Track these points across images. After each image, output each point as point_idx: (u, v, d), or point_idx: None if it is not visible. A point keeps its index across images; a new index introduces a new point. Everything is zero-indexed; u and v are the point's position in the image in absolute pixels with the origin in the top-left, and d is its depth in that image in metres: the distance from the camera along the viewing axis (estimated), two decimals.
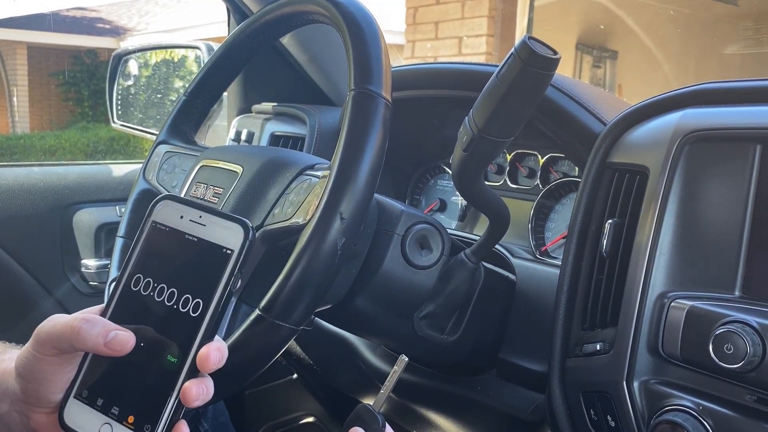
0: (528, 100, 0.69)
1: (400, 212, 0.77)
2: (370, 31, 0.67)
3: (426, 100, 1.05)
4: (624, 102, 0.95)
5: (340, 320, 0.87)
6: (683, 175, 0.67)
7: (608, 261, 0.73)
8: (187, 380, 0.50)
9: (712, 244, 0.65)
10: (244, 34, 0.86)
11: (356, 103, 0.64)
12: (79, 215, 1.45)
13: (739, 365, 0.58)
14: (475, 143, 0.71)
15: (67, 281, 1.45)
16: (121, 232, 0.90)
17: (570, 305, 0.77)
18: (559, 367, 0.76)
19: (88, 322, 0.51)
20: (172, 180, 0.87)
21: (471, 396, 0.94)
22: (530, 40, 0.65)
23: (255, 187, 0.72)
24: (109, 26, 11.87)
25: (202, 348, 0.51)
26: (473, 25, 4.15)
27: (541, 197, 1.02)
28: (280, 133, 1.22)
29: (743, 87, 0.70)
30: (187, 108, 0.92)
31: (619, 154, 0.76)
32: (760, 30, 3.48)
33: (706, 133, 0.67)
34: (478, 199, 0.80)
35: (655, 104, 0.76)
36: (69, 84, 10.96)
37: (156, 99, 1.79)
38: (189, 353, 0.51)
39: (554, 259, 0.98)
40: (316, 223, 0.61)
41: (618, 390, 0.67)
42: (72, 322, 0.51)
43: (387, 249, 0.75)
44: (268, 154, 0.77)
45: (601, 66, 4.43)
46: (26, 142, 9.11)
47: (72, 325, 0.51)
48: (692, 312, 0.62)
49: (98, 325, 0.51)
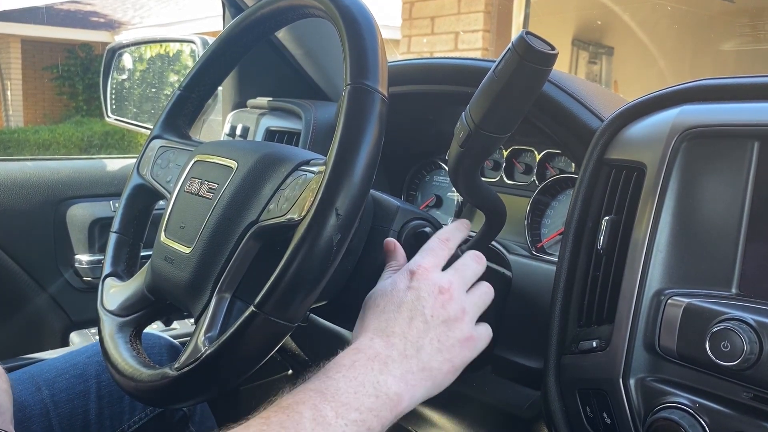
0: (525, 95, 0.68)
1: (396, 208, 0.76)
2: (367, 25, 0.67)
3: (422, 96, 1.05)
4: (621, 98, 0.95)
5: (335, 316, 0.87)
6: (680, 171, 0.67)
7: (605, 258, 0.73)
8: None
9: (709, 242, 0.65)
10: (240, 28, 0.85)
11: (352, 98, 0.64)
12: (72, 210, 1.44)
13: (736, 363, 0.58)
14: (472, 139, 0.71)
15: (60, 276, 1.44)
16: (115, 227, 0.90)
17: (566, 302, 0.77)
18: (555, 363, 0.76)
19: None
20: (166, 175, 0.87)
21: (467, 392, 0.93)
22: (528, 36, 0.64)
23: (250, 183, 0.72)
24: (103, 20, 11.82)
25: None
26: (469, 21, 4.14)
27: (538, 193, 1.02)
28: (276, 128, 1.22)
29: (741, 84, 0.70)
30: (182, 102, 0.91)
31: (616, 150, 0.76)
32: (756, 26, 3.48)
33: (704, 130, 0.67)
34: (475, 195, 0.79)
35: (652, 101, 0.75)
36: (63, 78, 10.92)
37: (150, 93, 1.78)
38: None
39: (550, 256, 0.97)
40: (312, 219, 0.60)
41: (614, 387, 0.67)
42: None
43: (382, 245, 0.75)
44: (263, 149, 0.76)
45: (597, 62, 4.43)
46: (20, 136, 9.08)
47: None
48: (689, 309, 0.62)
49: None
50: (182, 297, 0.73)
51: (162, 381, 0.67)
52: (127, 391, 0.73)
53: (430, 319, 0.66)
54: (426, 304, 0.66)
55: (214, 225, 0.71)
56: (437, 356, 0.65)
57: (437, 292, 0.67)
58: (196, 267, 0.71)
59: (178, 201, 0.79)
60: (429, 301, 0.66)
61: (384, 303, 0.67)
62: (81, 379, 0.93)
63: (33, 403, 0.88)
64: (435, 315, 0.66)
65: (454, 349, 0.66)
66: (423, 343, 0.65)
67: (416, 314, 0.66)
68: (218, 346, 0.63)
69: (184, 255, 0.73)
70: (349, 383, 0.60)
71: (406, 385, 0.62)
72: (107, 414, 0.92)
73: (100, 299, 0.84)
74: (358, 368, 0.61)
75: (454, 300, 0.68)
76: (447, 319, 0.67)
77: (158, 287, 0.78)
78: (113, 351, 0.76)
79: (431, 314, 0.66)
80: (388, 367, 0.62)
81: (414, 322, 0.65)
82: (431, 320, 0.66)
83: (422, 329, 0.65)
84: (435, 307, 0.66)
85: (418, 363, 0.64)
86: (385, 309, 0.66)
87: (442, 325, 0.66)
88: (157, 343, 0.99)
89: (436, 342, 0.65)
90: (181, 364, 0.66)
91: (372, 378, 0.61)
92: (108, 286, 0.85)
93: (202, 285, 0.70)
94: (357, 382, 0.60)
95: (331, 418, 0.57)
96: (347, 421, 0.57)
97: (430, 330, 0.65)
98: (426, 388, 0.64)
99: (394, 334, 0.64)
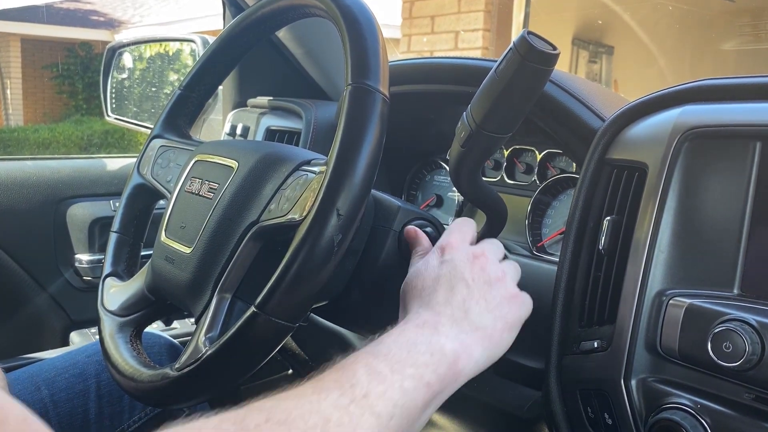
0: (527, 95, 0.68)
1: (397, 208, 0.76)
2: (368, 25, 0.67)
3: (423, 95, 1.04)
4: (622, 98, 0.95)
5: (336, 316, 0.86)
6: (682, 172, 0.67)
7: (606, 258, 0.73)
8: None
9: (711, 242, 0.65)
10: (240, 27, 0.85)
11: (353, 98, 0.63)
12: (72, 210, 1.44)
13: (738, 363, 0.57)
14: (473, 139, 0.71)
15: (60, 276, 1.44)
16: (115, 227, 0.89)
17: (567, 302, 0.77)
18: (557, 364, 0.76)
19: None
20: (166, 174, 0.87)
21: (467, 393, 0.93)
22: (529, 35, 0.64)
23: (250, 183, 0.72)
24: (103, 18, 11.82)
25: None
26: (470, 20, 4.14)
27: (539, 193, 1.02)
28: (276, 127, 1.21)
29: (743, 84, 0.69)
30: (182, 102, 0.91)
31: (617, 150, 0.76)
32: (757, 26, 3.48)
33: (706, 130, 0.67)
34: (476, 195, 0.79)
35: (654, 100, 0.75)
36: (63, 77, 10.91)
37: (151, 92, 1.78)
38: None
39: (551, 256, 0.97)
40: (313, 219, 0.60)
41: (615, 388, 0.67)
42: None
43: (384, 245, 0.75)
44: (264, 148, 0.76)
45: (597, 61, 4.43)
46: (20, 135, 9.07)
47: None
48: (691, 310, 0.62)
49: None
50: (183, 297, 0.73)
51: (162, 381, 0.67)
52: (127, 391, 0.73)
53: (472, 283, 0.66)
54: (464, 270, 0.66)
55: (215, 225, 0.71)
56: (487, 315, 0.64)
57: (472, 258, 0.68)
58: (197, 267, 0.71)
59: (179, 201, 0.79)
60: (466, 267, 0.67)
61: (421, 282, 0.67)
62: (80, 378, 0.93)
63: (32, 403, 0.88)
64: (475, 278, 0.66)
65: (503, 307, 0.66)
66: (470, 305, 0.64)
67: (456, 281, 0.66)
68: (219, 347, 0.62)
69: (185, 255, 0.73)
70: (400, 345, 0.59)
71: (461, 344, 0.61)
72: (107, 413, 0.92)
73: (100, 299, 0.84)
74: (408, 333, 0.61)
75: (491, 263, 0.68)
76: (488, 280, 0.67)
77: (158, 287, 0.78)
78: (113, 351, 0.76)
79: (471, 278, 0.66)
80: (438, 330, 0.61)
81: (456, 288, 0.65)
82: (473, 283, 0.66)
83: (465, 293, 0.65)
84: (474, 271, 0.67)
85: (470, 324, 0.63)
86: (424, 286, 0.66)
87: (484, 285, 0.66)
88: (157, 343, 0.99)
89: (483, 302, 0.65)
90: (181, 365, 0.66)
91: (424, 339, 0.60)
92: (108, 286, 0.85)
93: (203, 285, 0.70)
94: (409, 343, 0.59)
95: (386, 373, 0.56)
96: (403, 376, 0.56)
97: (474, 292, 0.65)
98: (484, 348, 0.63)
99: (439, 304, 0.64)
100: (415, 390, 0.56)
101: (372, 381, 0.55)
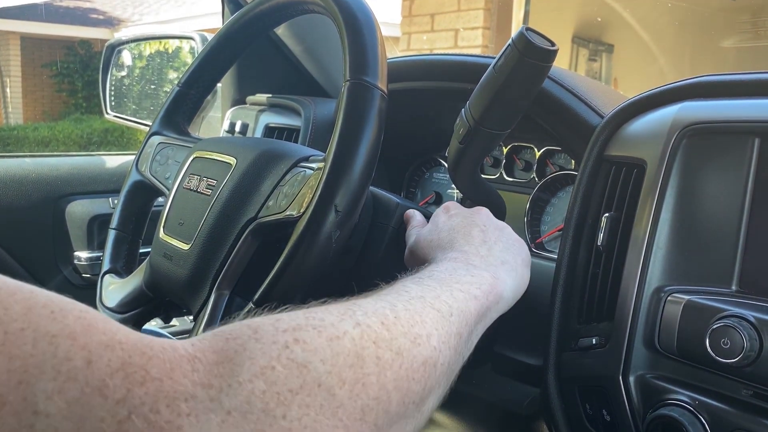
0: (525, 91, 0.68)
1: (396, 205, 0.76)
2: (366, 21, 0.67)
3: (422, 92, 1.04)
4: (621, 95, 0.95)
5: None
6: (681, 168, 0.67)
7: (604, 255, 0.73)
8: None
9: (709, 238, 0.65)
10: (239, 24, 0.85)
11: (352, 94, 0.63)
12: (71, 207, 1.44)
13: (736, 360, 0.57)
14: (472, 135, 0.71)
15: (59, 273, 1.44)
16: (113, 224, 0.90)
17: (566, 299, 0.77)
18: (555, 360, 0.76)
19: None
20: (165, 171, 0.87)
21: (466, 390, 0.93)
22: (528, 32, 0.64)
23: (249, 179, 0.72)
24: (102, 17, 11.80)
25: None
26: (469, 18, 4.13)
27: (537, 190, 1.01)
28: (275, 124, 1.21)
29: (741, 80, 0.69)
30: (181, 99, 0.91)
31: (616, 147, 0.76)
32: (756, 23, 3.47)
33: (704, 126, 0.67)
34: (474, 191, 0.79)
35: (652, 97, 0.75)
36: (62, 75, 10.90)
37: (150, 90, 1.78)
38: None
39: (549, 252, 0.97)
40: (311, 216, 0.60)
41: (614, 384, 0.67)
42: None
43: (382, 242, 0.75)
44: (263, 145, 0.76)
45: (597, 59, 4.42)
46: (20, 133, 9.06)
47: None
48: (689, 306, 0.62)
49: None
50: (181, 294, 0.73)
51: None
52: None
53: (484, 228, 0.70)
54: (474, 218, 0.71)
55: (213, 221, 0.71)
56: (508, 251, 0.68)
57: (476, 211, 0.72)
58: (195, 264, 0.71)
59: (177, 198, 0.79)
60: (474, 217, 0.71)
61: (437, 235, 0.69)
62: None
63: None
64: (486, 224, 0.70)
65: (517, 246, 0.70)
66: (490, 244, 0.68)
67: (471, 228, 0.69)
68: None
69: (183, 252, 0.73)
70: (441, 271, 0.60)
71: (494, 273, 0.63)
72: None
73: (99, 296, 0.84)
74: (444, 264, 0.62)
75: (491, 216, 0.73)
76: (496, 227, 0.71)
77: (157, 284, 0.78)
78: None
79: (483, 224, 0.70)
80: (471, 262, 0.64)
81: (472, 233, 0.68)
82: (486, 228, 0.70)
83: (482, 237, 0.68)
84: (483, 219, 0.71)
85: (495, 258, 0.66)
86: (440, 237, 0.69)
87: (495, 230, 0.70)
88: None
89: (500, 243, 0.68)
90: None
91: (461, 266, 0.62)
92: (107, 283, 0.85)
93: (201, 282, 0.70)
94: (449, 270, 0.61)
95: (435, 286, 0.57)
96: (452, 288, 0.57)
97: (489, 234, 0.69)
98: (513, 279, 0.65)
99: (462, 246, 0.67)
100: (465, 300, 0.57)
101: (424, 289, 0.56)
